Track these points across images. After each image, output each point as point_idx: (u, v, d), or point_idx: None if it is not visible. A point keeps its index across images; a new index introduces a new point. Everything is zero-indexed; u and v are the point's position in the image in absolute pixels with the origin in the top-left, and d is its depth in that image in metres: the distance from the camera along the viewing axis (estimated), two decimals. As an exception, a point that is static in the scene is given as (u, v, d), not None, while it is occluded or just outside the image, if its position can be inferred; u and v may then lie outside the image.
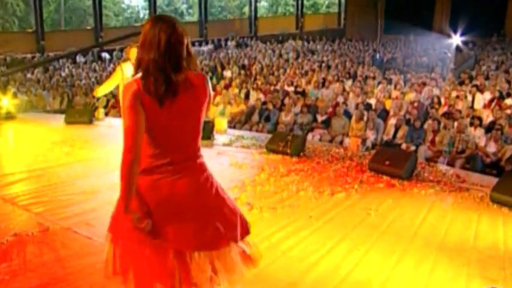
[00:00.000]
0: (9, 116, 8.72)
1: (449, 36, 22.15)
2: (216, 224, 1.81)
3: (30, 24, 22.22)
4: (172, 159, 1.76)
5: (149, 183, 1.76)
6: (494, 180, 4.92)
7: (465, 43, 20.24)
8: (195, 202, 1.79)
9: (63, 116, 8.71)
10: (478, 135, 7.57)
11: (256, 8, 28.17)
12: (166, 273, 1.74)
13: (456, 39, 20.56)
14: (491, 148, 7.19)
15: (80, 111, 9.08)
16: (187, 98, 1.74)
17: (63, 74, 15.19)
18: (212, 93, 1.88)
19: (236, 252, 1.86)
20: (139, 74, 1.73)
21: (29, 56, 18.03)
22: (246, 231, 1.93)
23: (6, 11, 28.85)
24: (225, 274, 1.82)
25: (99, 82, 11.75)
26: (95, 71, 16.01)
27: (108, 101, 11.22)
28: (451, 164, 6.97)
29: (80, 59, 18.12)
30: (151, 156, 1.75)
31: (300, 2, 30.03)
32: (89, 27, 24.37)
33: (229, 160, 5.90)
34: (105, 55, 18.96)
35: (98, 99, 10.50)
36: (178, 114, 1.73)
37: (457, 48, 19.19)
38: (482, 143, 7.34)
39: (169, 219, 1.76)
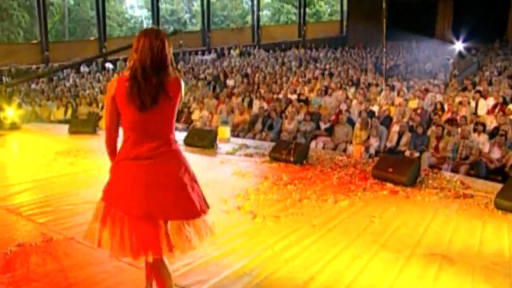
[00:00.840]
0: (13, 127, 8.79)
1: (451, 42, 22.17)
2: (190, 198, 2.16)
3: (35, 35, 22.42)
4: (149, 147, 2.11)
5: (131, 166, 2.12)
6: (498, 187, 4.89)
7: (468, 49, 20.25)
8: (171, 180, 2.13)
9: (67, 126, 8.76)
10: (481, 141, 7.54)
11: (258, 17, 28.32)
12: (156, 241, 2.07)
13: (459, 46, 20.57)
14: (496, 154, 7.16)
15: (83, 121, 9.14)
16: (162, 99, 2.08)
17: (67, 84, 15.30)
18: (183, 93, 2.23)
19: (204, 222, 2.22)
20: (126, 74, 2.09)
21: (33, 66, 18.17)
22: (207, 205, 2.29)
23: (11, 22, 29.15)
24: (196, 239, 2.17)
25: (103, 92, 11.82)
26: (98, 81, 16.11)
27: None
28: (455, 170, 6.95)
29: (84, 69, 18.25)
30: (131, 144, 2.13)
31: (302, 11, 30.17)
32: (92, 38, 24.53)
33: (233, 169, 5.90)
34: (109, 65, 19.09)
35: (102, 108, 10.55)
36: (154, 112, 2.08)
37: (460, 54, 19.20)
38: (486, 149, 7.31)
39: (152, 194, 2.08)
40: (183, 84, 2.19)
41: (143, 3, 39.05)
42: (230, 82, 14.93)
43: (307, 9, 33.94)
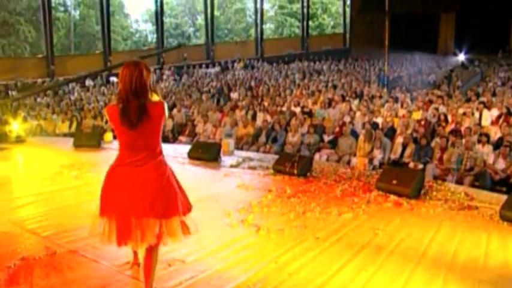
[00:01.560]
0: (19, 140, 8.85)
1: (454, 53, 22.23)
2: (168, 201, 2.57)
3: (41, 49, 22.68)
4: (138, 158, 2.56)
5: (122, 172, 2.59)
6: (503, 198, 4.86)
7: (471, 60, 20.28)
8: (152, 185, 2.56)
9: (72, 140, 8.81)
10: (486, 152, 7.52)
11: (262, 30, 28.51)
12: (131, 234, 2.54)
13: (461, 57, 20.60)
14: (500, 165, 7.13)
15: (88, 134, 9.19)
16: (147, 119, 2.51)
17: (72, 98, 15.41)
18: (167, 115, 2.66)
19: (178, 222, 2.61)
20: (115, 100, 2.60)
21: (39, 80, 18.34)
22: (188, 209, 2.70)
23: (18, 37, 29.51)
24: (168, 237, 2.60)
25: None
26: (103, 94, 16.22)
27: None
28: (459, 182, 6.92)
29: (89, 82, 18.39)
30: (124, 155, 2.60)
31: (305, 24, 30.38)
32: (97, 52, 24.78)
33: (236, 181, 5.91)
34: (113, 79, 19.22)
35: (107, 122, 10.61)
36: (141, 130, 2.52)
37: (463, 65, 19.22)
38: (490, 160, 7.29)
39: (134, 197, 2.53)
40: (165, 106, 2.59)
41: (148, 17, 39.43)
42: (234, 95, 15.00)
43: (311, 22, 34.17)
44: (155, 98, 2.59)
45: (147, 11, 39.03)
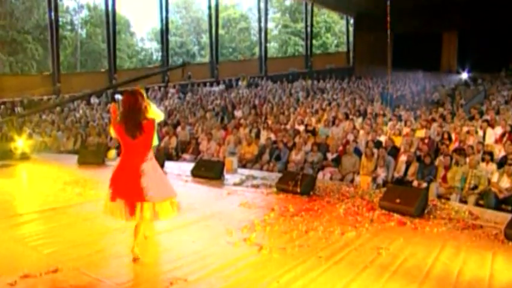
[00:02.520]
0: (24, 157, 8.90)
1: (457, 72, 22.32)
2: (157, 188, 3.59)
3: (47, 67, 22.93)
4: (135, 159, 3.60)
5: (122, 168, 3.63)
6: (508, 217, 4.82)
7: (474, 78, 20.35)
8: (146, 177, 3.57)
9: (76, 157, 8.85)
10: (490, 170, 7.49)
11: (266, 48, 28.78)
12: (134, 213, 3.57)
13: (464, 75, 20.67)
14: (505, 183, 7.09)
15: (92, 152, 9.22)
16: (142, 134, 3.56)
17: (77, 115, 15.52)
18: (161, 115, 4.04)
19: (163, 205, 3.65)
20: (118, 118, 3.68)
21: (45, 97, 18.51)
22: (174, 194, 3.77)
23: (25, 55, 29.93)
24: (158, 216, 3.65)
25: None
26: (108, 112, 16.33)
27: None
28: (463, 200, 6.88)
29: (94, 100, 18.53)
30: (126, 158, 3.64)
31: (309, 42, 30.64)
32: (103, 70, 25.06)
33: (239, 200, 5.90)
34: (118, 96, 19.25)
35: (111, 139, 10.68)
36: (138, 140, 3.57)
37: (466, 83, 19.28)
38: (495, 178, 7.24)
39: (130, 185, 3.55)
40: (155, 124, 3.68)
41: (153, 35, 39.96)
42: (238, 113, 15.06)
43: (314, 41, 34.48)
44: (151, 112, 3.68)
45: (153, 29, 39.61)
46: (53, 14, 20.19)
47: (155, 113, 3.86)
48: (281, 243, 4.21)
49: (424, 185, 7.57)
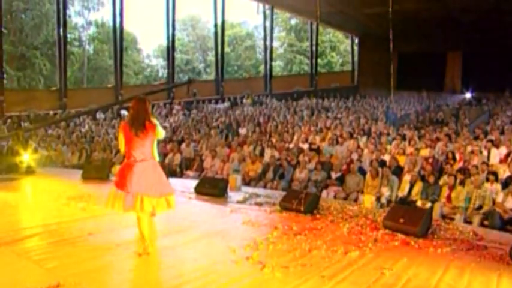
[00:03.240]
0: (29, 171, 8.94)
1: (461, 92, 22.38)
2: (158, 184, 4.10)
3: (54, 82, 23.21)
4: (139, 157, 4.11)
5: (130, 165, 4.11)
6: (513, 238, 4.78)
7: (478, 98, 20.38)
8: (148, 173, 4.09)
9: (80, 172, 8.88)
10: (495, 190, 7.45)
11: (271, 67, 29.01)
12: (134, 205, 4.04)
13: (468, 95, 20.71)
14: (510, 204, 7.05)
15: (97, 167, 9.25)
16: (144, 133, 4.08)
17: (83, 130, 15.63)
18: (163, 132, 4.25)
19: (160, 201, 4.13)
20: (127, 120, 4.26)
21: (51, 112, 18.68)
22: (171, 192, 4.24)
23: (33, 70, 30.33)
24: (155, 211, 4.14)
25: (117, 138, 12.01)
26: (113, 127, 16.42)
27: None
28: (468, 221, 6.84)
29: (99, 115, 18.66)
30: (130, 155, 4.12)
31: (314, 61, 30.87)
32: (109, 85, 25.29)
33: (243, 218, 5.88)
34: (124, 112, 19.50)
35: (116, 154, 10.73)
36: (141, 138, 4.08)
37: (470, 103, 19.31)
38: (499, 198, 7.21)
39: (138, 180, 4.04)
40: (158, 129, 4.16)
41: (159, 52, 40.42)
42: (242, 131, 15.10)
43: (319, 60, 34.75)
44: (155, 121, 4.19)
45: (159, 46, 40.09)
46: (61, 30, 20.54)
47: (159, 130, 4.20)
48: (284, 262, 4.19)
49: (428, 204, 7.53)
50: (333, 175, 9.25)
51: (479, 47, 22.51)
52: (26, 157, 9.03)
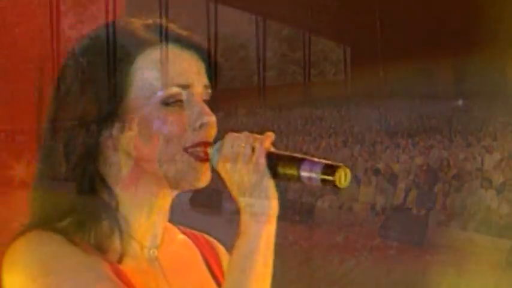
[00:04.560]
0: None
1: (454, 98, 22.49)
2: None
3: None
4: None
5: None
6: (509, 243, 4.78)
7: (470, 105, 20.46)
8: None
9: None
10: (489, 196, 7.45)
11: (264, 77, 29.00)
12: None
13: (461, 102, 20.80)
14: (504, 209, 7.04)
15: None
16: None
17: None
18: None
19: None
20: None
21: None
22: None
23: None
24: None
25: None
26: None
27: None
28: (463, 227, 6.82)
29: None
30: None
31: (307, 71, 30.92)
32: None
33: (237, 228, 5.85)
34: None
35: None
36: None
37: (463, 110, 19.40)
38: (494, 204, 7.20)
39: None
40: None
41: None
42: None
43: (312, 69, 34.79)
44: None
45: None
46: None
47: None
48: (279, 272, 4.16)
49: (424, 212, 7.51)
50: (328, 184, 9.22)
51: (471, 54, 22.61)
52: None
